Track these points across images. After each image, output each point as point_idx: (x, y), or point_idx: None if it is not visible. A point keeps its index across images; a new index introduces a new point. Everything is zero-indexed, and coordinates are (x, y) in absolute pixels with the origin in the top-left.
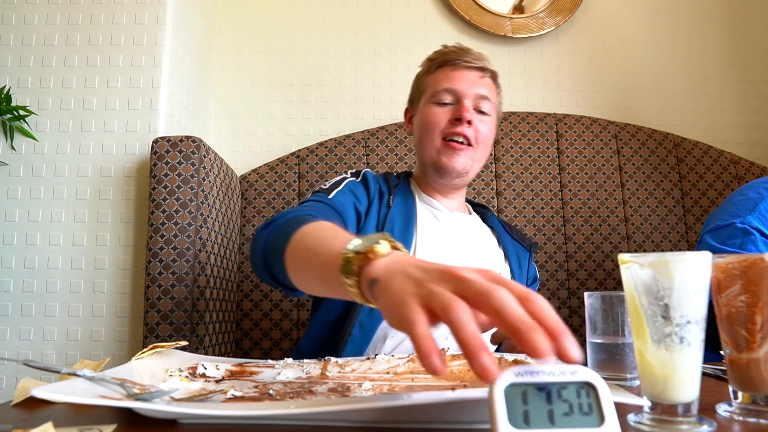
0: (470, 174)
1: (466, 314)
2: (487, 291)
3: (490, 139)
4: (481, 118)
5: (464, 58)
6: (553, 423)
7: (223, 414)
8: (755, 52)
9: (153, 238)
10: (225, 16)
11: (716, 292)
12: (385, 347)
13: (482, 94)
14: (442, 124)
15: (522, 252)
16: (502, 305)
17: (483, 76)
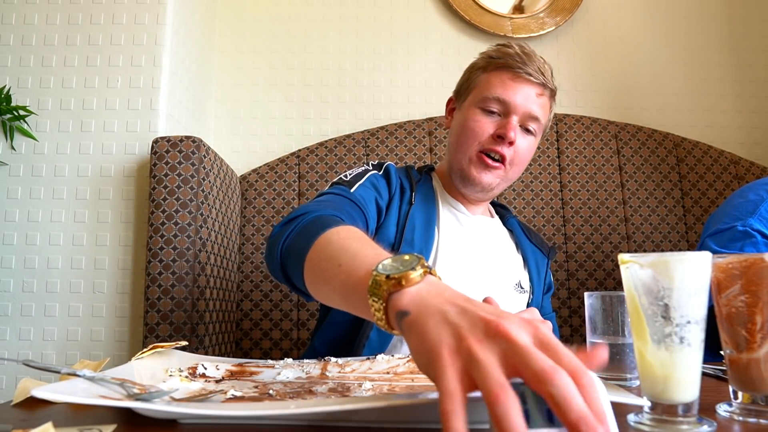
0: (495, 191)
1: (514, 410)
2: (544, 374)
3: (527, 159)
4: (525, 138)
5: (527, 69)
6: (552, 422)
7: (223, 414)
8: (756, 52)
9: (153, 238)
10: (225, 16)
11: (716, 292)
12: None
13: (534, 115)
14: (483, 136)
15: (540, 258)
16: (565, 397)
17: (541, 93)
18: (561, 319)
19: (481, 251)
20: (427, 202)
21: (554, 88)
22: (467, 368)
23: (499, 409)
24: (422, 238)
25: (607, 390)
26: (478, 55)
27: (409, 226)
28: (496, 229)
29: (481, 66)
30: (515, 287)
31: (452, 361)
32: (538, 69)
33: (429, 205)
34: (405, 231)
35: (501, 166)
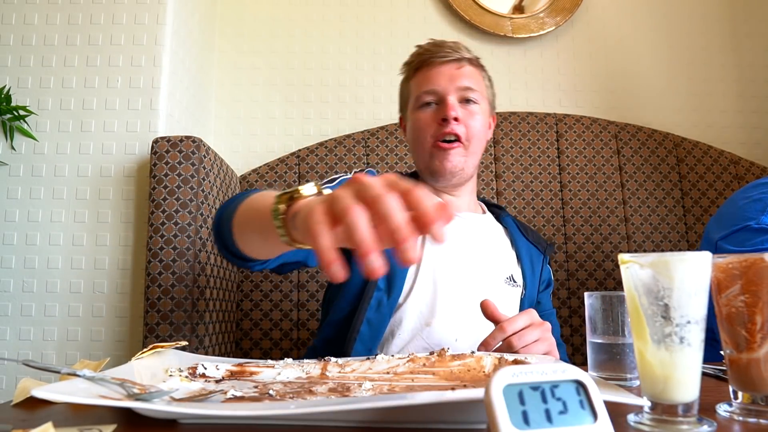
0: (467, 170)
1: (360, 218)
2: (377, 197)
3: (483, 129)
4: (470, 109)
5: (438, 54)
6: (551, 422)
7: (223, 414)
8: (756, 52)
9: (153, 238)
10: (225, 16)
11: (716, 292)
12: (393, 346)
13: (464, 86)
14: (430, 127)
15: (536, 255)
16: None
17: (460, 66)
18: (561, 319)
19: (469, 245)
20: None
21: (473, 57)
22: (334, 214)
23: (348, 217)
24: None
25: (608, 390)
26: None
27: None
28: (486, 224)
29: (405, 77)
30: (506, 280)
31: (323, 216)
32: (450, 48)
33: None
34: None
35: (458, 144)
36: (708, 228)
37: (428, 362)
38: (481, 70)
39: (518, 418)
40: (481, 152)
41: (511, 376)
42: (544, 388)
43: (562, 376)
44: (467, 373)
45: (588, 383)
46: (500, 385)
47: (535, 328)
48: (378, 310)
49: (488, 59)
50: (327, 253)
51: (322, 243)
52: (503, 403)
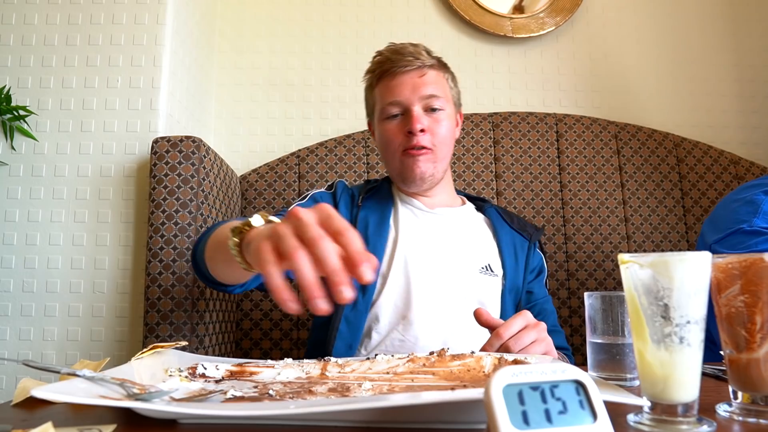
0: (437, 175)
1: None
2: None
3: (449, 134)
4: (435, 117)
5: (400, 64)
6: (550, 422)
7: (223, 414)
8: (756, 52)
9: (153, 238)
10: (225, 16)
11: (716, 292)
12: (372, 341)
13: (427, 94)
14: (398, 139)
15: (521, 242)
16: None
17: (423, 74)
18: (561, 319)
19: (442, 238)
20: (381, 203)
21: (435, 61)
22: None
23: (296, 262)
24: (375, 233)
25: (607, 390)
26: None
27: (360, 225)
28: (463, 217)
29: (368, 85)
30: (482, 270)
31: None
32: (410, 55)
33: (384, 205)
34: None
35: (427, 151)
36: (703, 231)
37: (428, 362)
38: (445, 71)
39: (518, 418)
40: (451, 153)
41: (510, 376)
42: (543, 388)
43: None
44: (467, 373)
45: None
46: (500, 385)
47: (530, 330)
48: (354, 308)
49: (488, 59)
50: (281, 292)
51: (274, 282)
52: (503, 403)
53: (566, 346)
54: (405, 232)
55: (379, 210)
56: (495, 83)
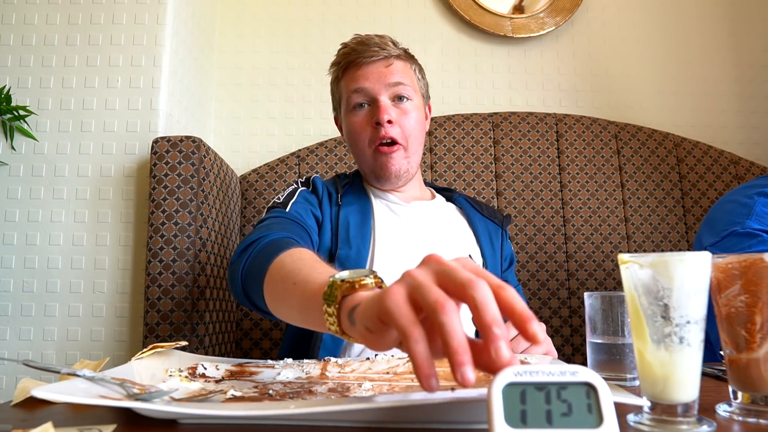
0: (411, 171)
1: (455, 318)
2: (470, 282)
3: (419, 125)
4: (403, 107)
5: (365, 54)
6: (550, 423)
7: (223, 414)
8: (755, 52)
9: (153, 238)
10: (225, 16)
11: (716, 292)
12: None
13: (393, 82)
14: (366, 131)
15: (494, 229)
16: (482, 300)
17: (389, 63)
18: (561, 319)
19: (421, 233)
20: (359, 200)
21: (401, 52)
22: (412, 294)
23: (444, 317)
24: (358, 235)
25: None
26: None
27: (342, 226)
28: (438, 209)
29: (334, 78)
30: None
31: (398, 289)
32: (376, 45)
33: (362, 202)
34: (339, 231)
35: (398, 147)
36: (699, 233)
37: None
38: (412, 62)
39: (515, 416)
40: (422, 147)
41: (513, 375)
42: (550, 389)
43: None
44: None
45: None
46: (501, 384)
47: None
48: None
49: (488, 59)
50: (427, 366)
51: (420, 355)
52: (500, 401)
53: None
54: (384, 229)
55: (359, 208)
56: (495, 83)
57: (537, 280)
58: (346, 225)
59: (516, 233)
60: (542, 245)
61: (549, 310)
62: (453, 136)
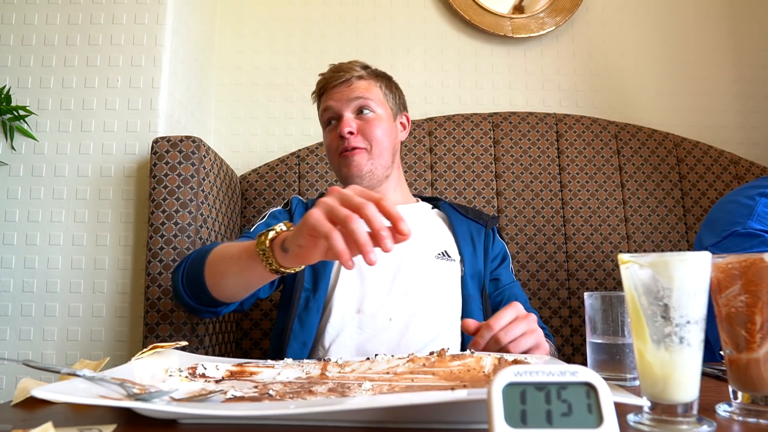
0: (376, 172)
1: (361, 224)
2: (362, 204)
3: (384, 133)
4: (365, 118)
5: (332, 79)
6: (550, 423)
7: (223, 414)
8: (755, 52)
9: (153, 238)
10: (225, 15)
11: (716, 292)
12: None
13: (354, 97)
14: (334, 143)
15: (477, 228)
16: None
17: (350, 84)
18: (561, 319)
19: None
20: None
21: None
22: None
23: (353, 224)
24: None
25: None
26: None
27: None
28: (417, 211)
29: (315, 104)
30: (438, 255)
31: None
32: (342, 70)
33: None
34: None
35: (360, 150)
36: (699, 234)
37: (428, 362)
38: (378, 80)
39: (515, 416)
40: (391, 153)
41: (513, 375)
42: (550, 389)
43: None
44: (467, 373)
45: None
46: (501, 384)
47: (520, 322)
48: (306, 307)
49: (488, 59)
50: (347, 253)
51: (338, 246)
52: (500, 401)
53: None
54: None
55: None
56: (495, 83)
57: (537, 280)
58: None
59: (516, 233)
60: (542, 245)
61: (549, 310)
62: (453, 136)
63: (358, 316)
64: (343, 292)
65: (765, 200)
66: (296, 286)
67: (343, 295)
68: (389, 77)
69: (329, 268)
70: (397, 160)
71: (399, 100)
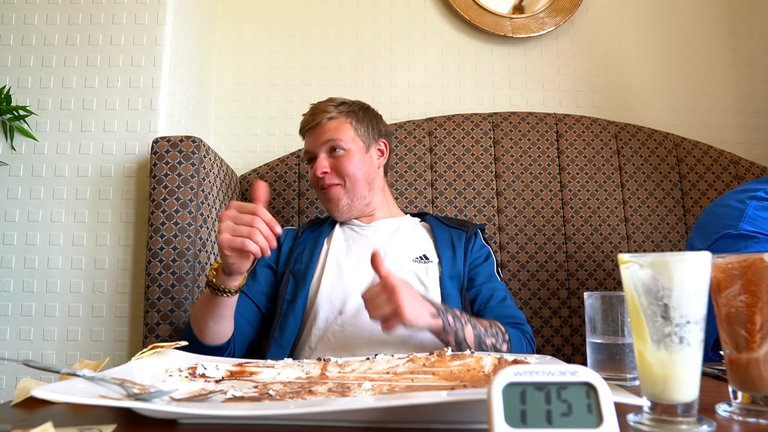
0: (355, 203)
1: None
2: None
3: (359, 165)
4: (337, 156)
5: (306, 125)
6: (550, 423)
7: (223, 414)
8: (755, 52)
9: (153, 238)
10: (225, 16)
11: (716, 292)
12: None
13: (325, 139)
14: (314, 179)
15: (457, 235)
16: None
17: (321, 126)
18: (561, 319)
19: (376, 241)
20: (319, 231)
21: (335, 113)
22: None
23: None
24: (308, 254)
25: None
26: None
27: (298, 251)
28: (400, 223)
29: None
30: (416, 259)
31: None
32: (314, 113)
33: (321, 232)
34: (294, 254)
35: (335, 187)
36: (690, 239)
37: (428, 362)
38: (348, 116)
39: (515, 416)
40: (366, 183)
41: (513, 375)
42: (550, 389)
43: (571, 378)
44: (467, 373)
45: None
46: (501, 384)
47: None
48: (285, 316)
49: (488, 59)
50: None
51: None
52: (500, 401)
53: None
54: (339, 242)
55: (315, 236)
56: (495, 83)
57: (537, 280)
58: (302, 249)
59: (516, 233)
60: (542, 245)
61: (549, 310)
62: (453, 136)
63: (341, 317)
64: (326, 296)
65: (755, 203)
66: (279, 299)
67: (326, 299)
68: (363, 108)
69: (309, 279)
70: (378, 185)
71: (373, 130)
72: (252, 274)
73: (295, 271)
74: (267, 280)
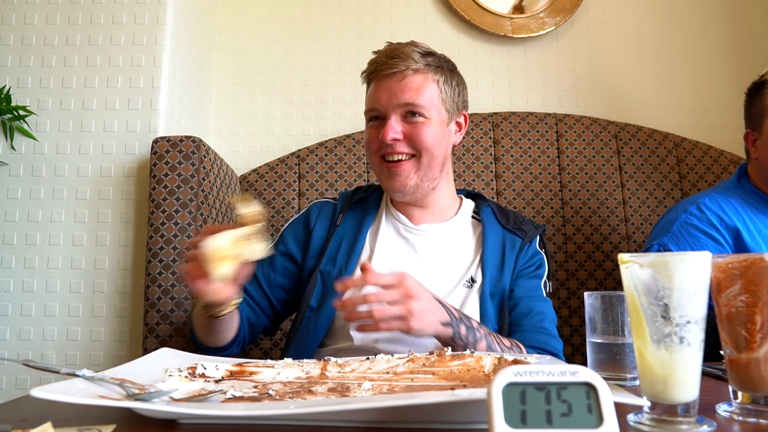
0: (423, 186)
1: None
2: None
3: (435, 140)
4: (414, 122)
5: (384, 67)
6: (550, 423)
7: (223, 414)
8: (756, 52)
9: (153, 238)
10: (225, 16)
11: (716, 292)
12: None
13: (404, 102)
14: (374, 144)
15: (511, 242)
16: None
17: (403, 77)
18: (561, 319)
19: (420, 258)
20: (363, 218)
21: (422, 64)
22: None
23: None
24: (345, 255)
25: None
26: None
27: (333, 244)
28: (449, 232)
29: (364, 83)
30: (465, 283)
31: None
32: (398, 57)
33: (365, 221)
34: (328, 249)
35: (406, 161)
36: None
37: (428, 362)
38: (436, 72)
39: (515, 417)
40: (441, 161)
41: (513, 375)
42: (550, 389)
43: (571, 378)
44: (467, 373)
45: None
46: (501, 384)
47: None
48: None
49: (488, 59)
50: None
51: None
52: (500, 401)
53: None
54: (381, 251)
55: (356, 226)
56: (495, 83)
57: None
58: (338, 244)
59: None
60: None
61: None
62: None
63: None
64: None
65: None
66: (302, 304)
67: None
68: (451, 69)
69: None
70: (447, 167)
71: (458, 98)
72: (270, 260)
73: (325, 273)
74: (285, 272)
